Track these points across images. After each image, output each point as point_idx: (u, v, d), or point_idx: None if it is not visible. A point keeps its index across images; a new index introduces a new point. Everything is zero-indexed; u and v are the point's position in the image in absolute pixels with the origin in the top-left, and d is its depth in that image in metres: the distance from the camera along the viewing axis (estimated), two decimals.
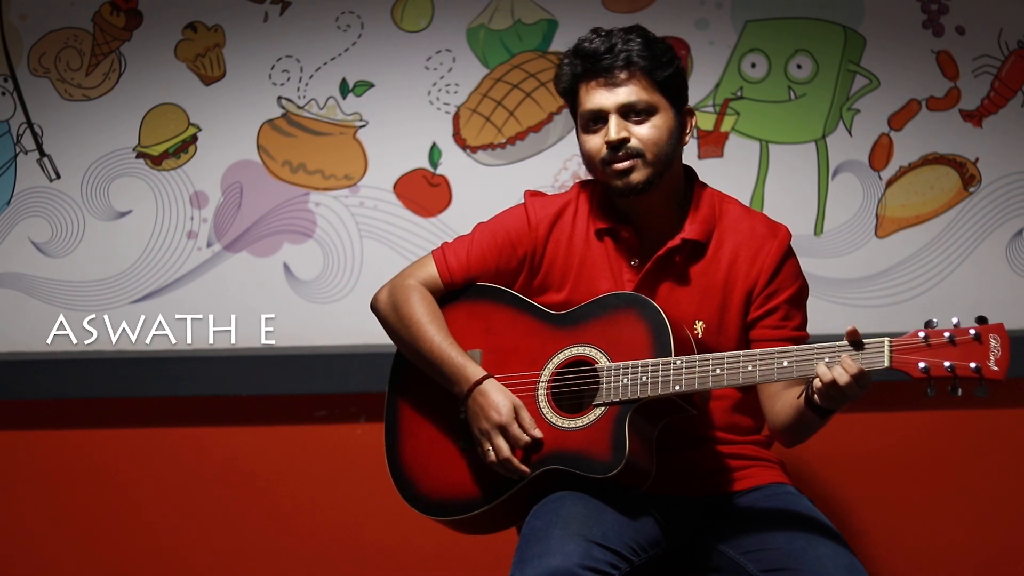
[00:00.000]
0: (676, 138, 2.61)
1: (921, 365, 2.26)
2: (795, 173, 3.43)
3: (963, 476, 3.45)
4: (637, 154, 2.56)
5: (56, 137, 3.45)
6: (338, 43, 3.44)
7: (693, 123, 2.67)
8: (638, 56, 2.55)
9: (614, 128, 2.55)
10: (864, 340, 2.32)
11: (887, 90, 3.41)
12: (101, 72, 3.45)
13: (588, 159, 2.62)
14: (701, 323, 2.60)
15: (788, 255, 2.64)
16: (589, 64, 2.58)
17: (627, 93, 2.56)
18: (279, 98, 3.45)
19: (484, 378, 2.58)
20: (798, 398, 2.45)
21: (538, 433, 2.54)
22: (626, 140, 2.56)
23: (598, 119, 2.58)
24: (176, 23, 3.44)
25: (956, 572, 3.46)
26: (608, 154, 2.56)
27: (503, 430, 2.53)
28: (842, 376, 2.30)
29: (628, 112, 2.56)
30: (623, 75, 2.56)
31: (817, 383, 2.34)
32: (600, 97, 2.57)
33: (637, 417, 2.47)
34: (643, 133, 2.56)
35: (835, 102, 3.42)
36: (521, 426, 2.54)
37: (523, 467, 2.53)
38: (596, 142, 2.58)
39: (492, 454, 2.54)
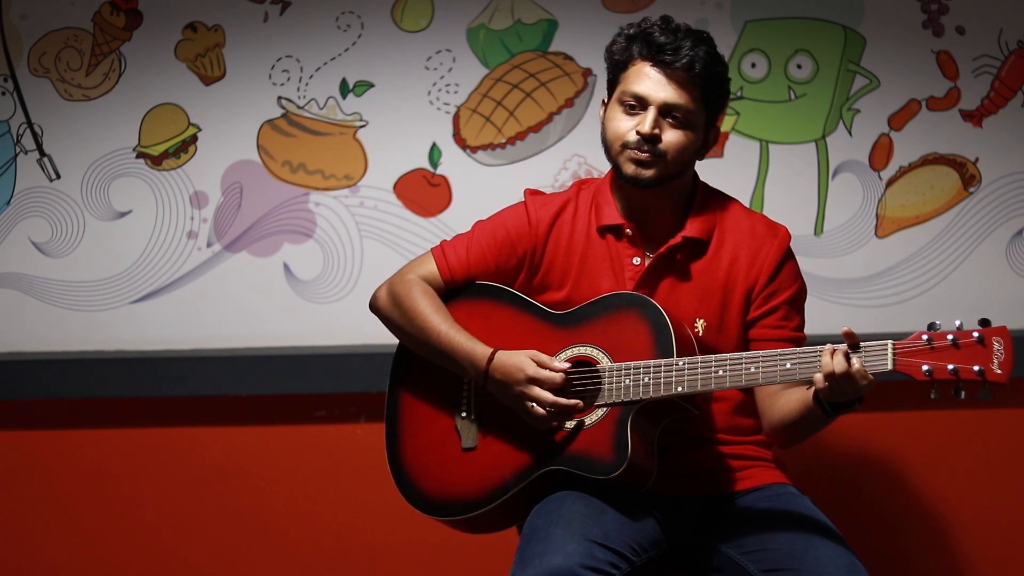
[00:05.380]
0: (698, 152, 2.63)
1: (924, 368, 2.26)
2: (795, 173, 3.43)
3: (963, 476, 3.46)
4: (660, 155, 2.56)
5: (56, 137, 3.45)
6: (338, 43, 3.43)
7: (715, 138, 2.68)
8: (701, 67, 2.54)
9: (650, 122, 2.55)
10: (868, 343, 2.32)
11: (887, 90, 3.41)
12: (101, 72, 3.44)
13: (611, 135, 2.61)
14: (702, 321, 2.61)
15: (788, 256, 2.65)
16: (653, 51, 2.55)
17: (676, 95, 2.55)
18: (279, 98, 3.44)
19: (494, 353, 2.58)
20: (807, 388, 2.44)
21: (565, 364, 2.53)
22: (657, 138, 2.55)
23: (638, 103, 2.57)
24: (176, 23, 3.43)
25: (956, 572, 3.46)
26: (635, 141, 2.56)
27: (535, 381, 2.52)
28: (840, 364, 2.30)
29: (668, 112, 2.56)
30: (679, 77, 2.55)
31: (819, 377, 2.33)
32: (650, 85, 2.56)
33: (639, 418, 2.47)
34: (673, 139, 2.57)
35: (835, 102, 3.42)
36: (547, 367, 2.52)
37: (572, 401, 2.52)
38: (627, 124, 2.58)
39: (538, 408, 2.52)
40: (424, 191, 3.45)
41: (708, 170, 2.84)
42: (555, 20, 3.42)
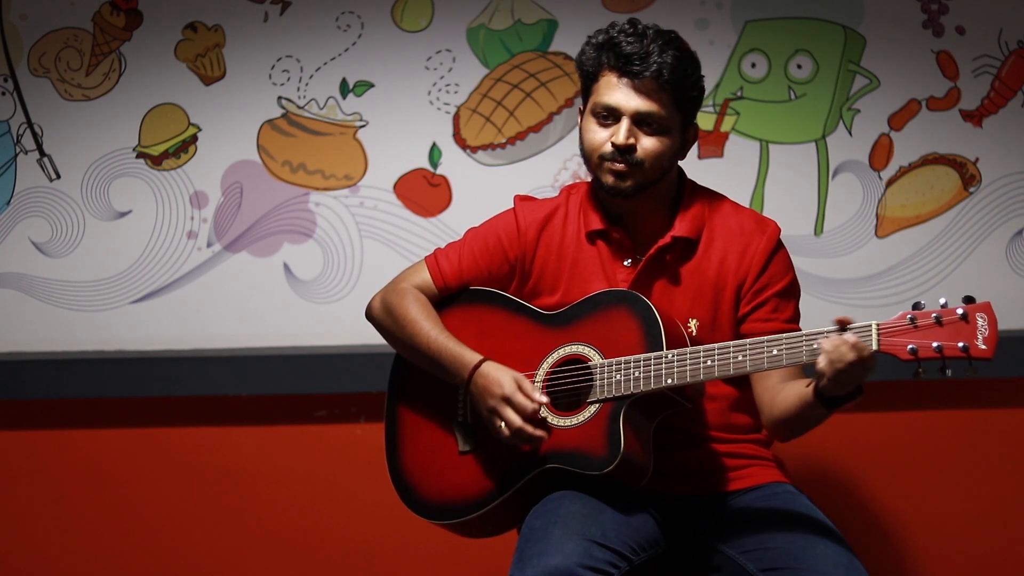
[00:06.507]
0: (677, 155, 2.63)
1: (909, 347, 2.26)
2: (795, 173, 3.42)
3: (963, 476, 3.45)
4: (637, 164, 2.56)
5: (56, 137, 3.45)
6: (338, 43, 3.44)
7: (694, 136, 2.67)
8: (669, 73, 2.53)
9: (624, 133, 2.55)
10: (852, 325, 2.31)
11: (887, 90, 3.41)
12: (101, 72, 3.45)
13: (588, 147, 2.61)
14: (695, 321, 2.61)
15: (777, 248, 2.64)
16: (621, 62, 2.55)
17: (647, 104, 2.55)
18: (279, 98, 3.45)
19: (482, 361, 2.59)
20: (807, 387, 2.43)
21: (543, 398, 2.53)
22: (632, 148, 2.55)
23: (611, 115, 2.57)
24: (176, 23, 3.44)
25: (956, 572, 3.46)
26: (610, 153, 2.56)
27: (509, 401, 2.53)
28: (838, 339, 2.28)
29: (641, 121, 2.56)
30: (649, 85, 2.54)
31: (821, 361, 2.31)
32: (620, 96, 2.56)
33: (632, 412, 2.47)
34: (649, 146, 2.56)
35: (835, 102, 3.41)
36: (526, 395, 2.53)
37: (538, 432, 2.52)
38: (602, 136, 2.58)
39: (504, 428, 2.54)
40: (424, 191, 3.45)
41: (708, 170, 2.85)
42: (555, 20, 3.43)
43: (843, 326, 2.31)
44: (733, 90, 3.42)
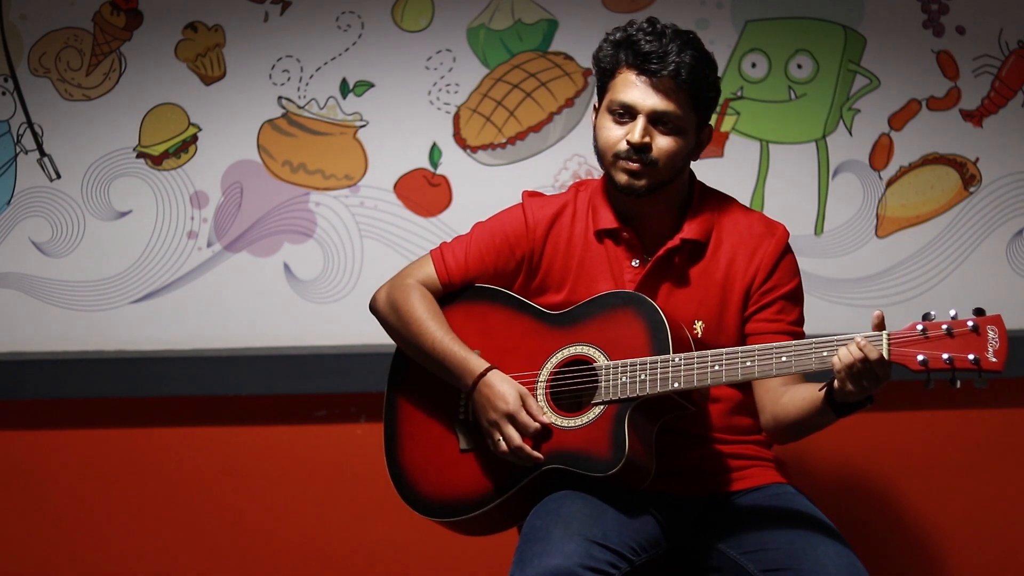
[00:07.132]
0: (690, 155, 2.63)
1: (919, 358, 2.26)
2: (795, 173, 3.43)
3: (964, 476, 3.45)
4: (651, 163, 2.56)
5: (56, 137, 3.45)
6: (338, 43, 3.43)
7: (708, 137, 2.67)
8: (687, 73, 2.53)
9: (639, 131, 2.54)
10: (864, 334, 2.31)
11: (887, 90, 3.41)
12: (101, 72, 3.44)
13: (603, 145, 2.60)
14: (701, 323, 2.61)
15: (786, 252, 2.64)
16: (639, 60, 2.54)
17: (664, 103, 2.54)
18: (279, 98, 3.44)
19: (488, 369, 2.58)
20: (820, 391, 2.43)
21: (547, 419, 2.54)
22: (648, 147, 2.55)
23: (627, 113, 2.57)
24: (176, 23, 3.44)
25: (956, 572, 3.46)
26: (625, 151, 2.56)
27: (511, 418, 2.53)
28: (856, 353, 2.28)
29: (657, 120, 2.55)
30: (666, 84, 2.53)
31: (836, 362, 2.31)
32: (637, 94, 2.55)
33: (636, 415, 2.47)
34: (664, 146, 2.56)
35: (835, 102, 3.42)
36: (529, 413, 2.53)
37: (535, 453, 2.52)
38: (617, 133, 2.57)
39: (503, 444, 2.54)
40: (424, 191, 3.45)
41: (708, 170, 2.84)
42: (555, 20, 3.42)
43: (878, 322, 2.31)
44: (733, 90, 3.42)
